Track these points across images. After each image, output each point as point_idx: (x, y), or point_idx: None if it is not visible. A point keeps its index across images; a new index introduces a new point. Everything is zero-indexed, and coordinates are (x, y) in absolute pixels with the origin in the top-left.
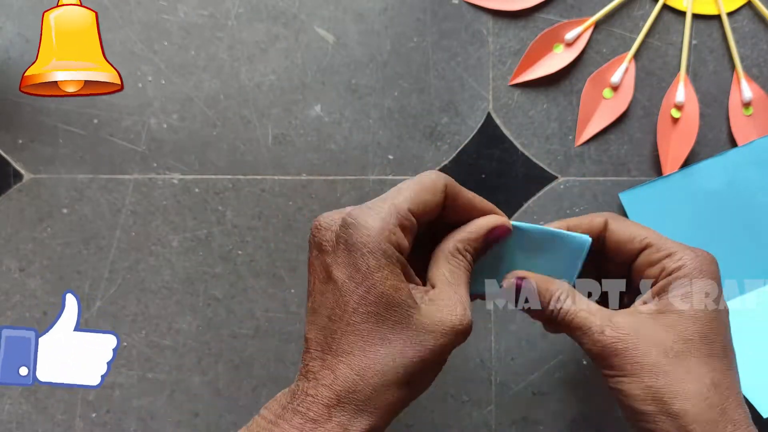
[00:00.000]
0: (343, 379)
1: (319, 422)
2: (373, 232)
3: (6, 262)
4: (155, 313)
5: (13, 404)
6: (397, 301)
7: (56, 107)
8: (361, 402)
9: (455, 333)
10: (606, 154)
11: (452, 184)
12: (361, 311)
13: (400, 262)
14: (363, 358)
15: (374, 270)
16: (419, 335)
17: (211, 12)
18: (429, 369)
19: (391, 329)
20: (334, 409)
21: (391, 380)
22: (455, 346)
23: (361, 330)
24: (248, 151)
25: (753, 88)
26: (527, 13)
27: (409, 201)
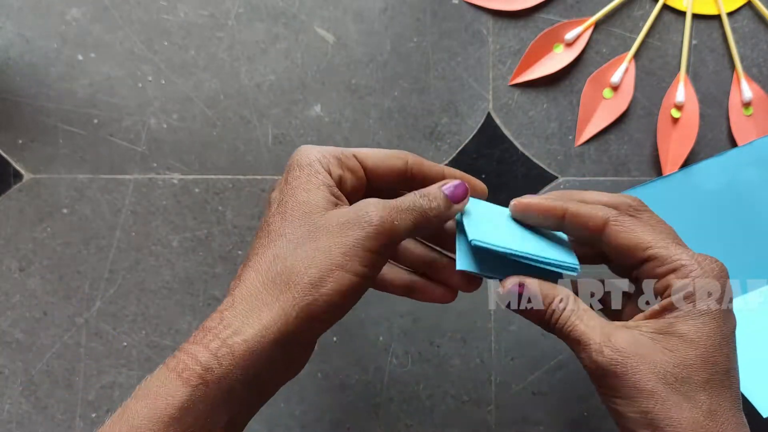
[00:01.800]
0: (244, 279)
1: (209, 328)
2: (309, 157)
3: (6, 262)
4: (155, 313)
5: (13, 404)
6: (306, 200)
7: (56, 107)
8: (254, 298)
9: (356, 217)
10: (606, 154)
11: (416, 158)
12: (275, 214)
13: (324, 180)
14: (262, 255)
15: (296, 180)
16: (317, 223)
17: (211, 12)
18: (329, 256)
19: (291, 223)
20: (227, 312)
21: (283, 268)
22: (368, 242)
23: (270, 232)
24: (248, 151)
25: (753, 88)
26: (527, 13)
27: (358, 150)
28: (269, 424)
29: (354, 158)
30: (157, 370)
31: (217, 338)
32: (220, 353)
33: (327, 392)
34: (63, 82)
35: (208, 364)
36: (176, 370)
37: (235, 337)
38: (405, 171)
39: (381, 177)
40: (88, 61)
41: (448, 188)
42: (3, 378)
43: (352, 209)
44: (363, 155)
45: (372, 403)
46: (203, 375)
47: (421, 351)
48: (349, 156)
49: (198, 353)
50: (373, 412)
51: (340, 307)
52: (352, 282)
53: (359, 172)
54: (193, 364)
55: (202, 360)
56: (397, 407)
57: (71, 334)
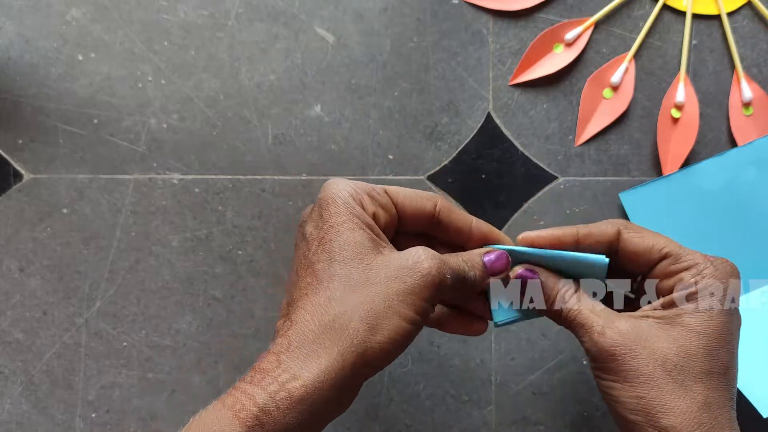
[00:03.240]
0: (297, 321)
1: (267, 371)
2: (343, 192)
3: (6, 262)
4: (155, 313)
5: (13, 404)
6: (352, 240)
7: (56, 107)
8: (312, 343)
9: (410, 265)
10: (606, 154)
11: (445, 203)
12: (318, 253)
13: (363, 219)
14: (314, 296)
15: (335, 215)
16: (371, 268)
17: (211, 12)
18: (385, 305)
19: (341, 264)
20: (284, 355)
21: (340, 313)
22: (415, 287)
23: (316, 270)
24: (248, 151)
25: (753, 88)
26: (527, 13)
27: (389, 188)
28: None
29: (386, 195)
30: (212, 405)
31: (275, 381)
32: (278, 397)
33: None
34: (63, 82)
35: (266, 407)
36: (233, 409)
37: (293, 382)
38: (433, 215)
39: (409, 217)
40: (88, 61)
41: (489, 259)
42: (3, 378)
43: (406, 256)
44: (394, 193)
45: (372, 403)
46: (260, 416)
47: (421, 351)
48: (381, 193)
49: (256, 395)
50: (373, 412)
51: (394, 353)
52: (407, 330)
53: (391, 209)
54: (250, 405)
55: (259, 402)
56: (397, 407)
57: (71, 334)
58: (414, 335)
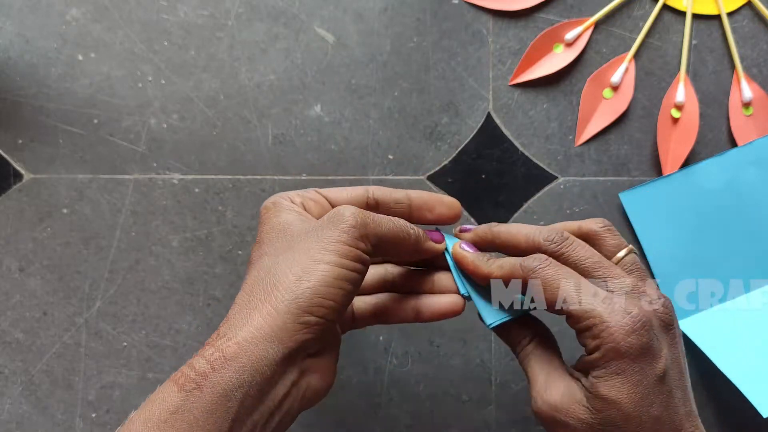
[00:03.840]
0: (235, 302)
1: (208, 343)
2: (273, 196)
3: (6, 262)
4: (155, 313)
5: (13, 404)
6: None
7: (56, 107)
8: (245, 307)
9: (332, 224)
10: (606, 154)
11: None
12: (254, 247)
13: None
14: (253, 272)
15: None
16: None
17: (211, 12)
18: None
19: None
20: (223, 326)
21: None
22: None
23: (251, 259)
24: (248, 151)
25: (753, 88)
26: (527, 13)
27: (323, 191)
28: None
29: (316, 193)
30: None
31: (212, 347)
32: (213, 358)
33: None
34: (63, 82)
35: (202, 369)
36: (174, 378)
37: (227, 342)
38: (367, 199)
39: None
40: (88, 61)
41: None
42: (3, 378)
43: (326, 215)
44: (324, 191)
45: (372, 403)
46: (197, 380)
47: (421, 351)
48: (309, 191)
49: (195, 362)
50: (373, 412)
51: (330, 298)
52: (335, 272)
53: (322, 201)
54: (188, 371)
55: (197, 366)
56: (397, 407)
57: (71, 334)
58: (349, 280)
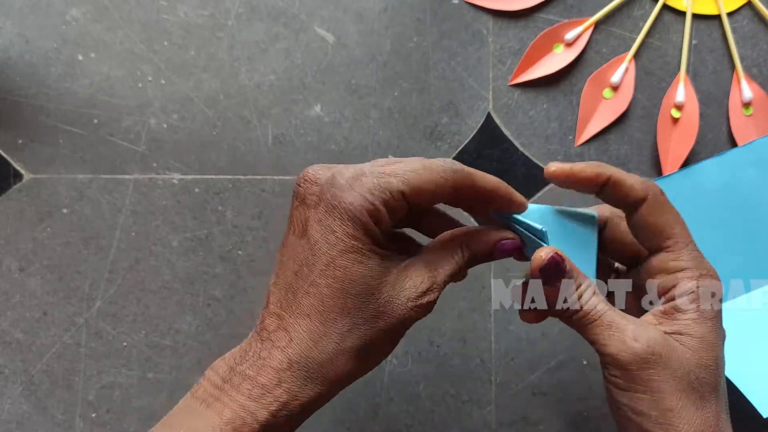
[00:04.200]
0: (297, 342)
1: (267, 387)
2: (357, 203)
3: (6, 262)
4: (155, 313)
5: (13, 404)
6: (364, 272)
7: (56, 107)
8: (313, 369)
9: (413, 308)
10: (606, 154)
11: (464, 177)
12: (326, 274)
13: (375, 237)
14: (320, 324)
15: (348, 237)
16: (378, 308)
17: (211, 12)
18: (384, 342)
19: (353, 298)
20: (285, 374)
21: (345, 351)
22: (414, 321)
23: (323, 294)
24: (248, 151)
25: (753, 88)
26: (527, 13)
27: (405, 184)
28: None
29: (399, 195)
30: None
31: (277, 401)
32: (280, 415)
33: None
34: (63, 82)
35: (268, 424)
36: (234, 424)
37: (294, 402)
38: (452, 194)
39: (423, 202)
40: (88, 61)
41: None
42: (3, 378)
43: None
44: (409, 191)
45: (372, 403)
46: (245, 418)
47: (421, 351)
48: (395, 194)
49: (258, 413)
50: (373, 412)
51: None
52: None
53: (401, 210)
54: (252, 422)
55: (261, 419)
56: (397, 407)
57: (71, 334)
58: None
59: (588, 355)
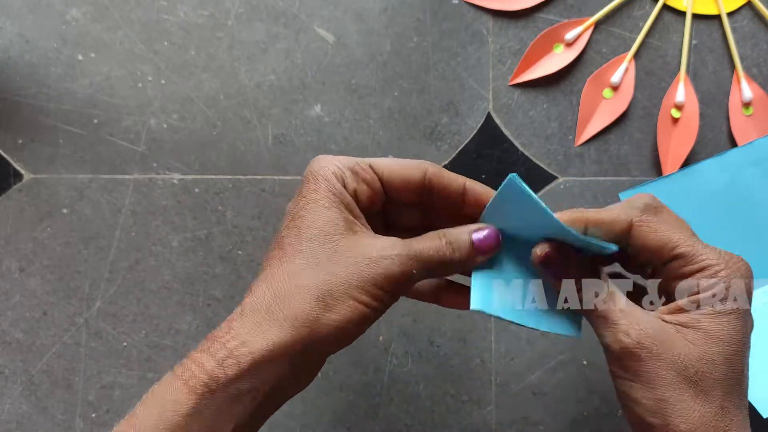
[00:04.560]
0: (254, 291)
1: (217, 336)
2: (324, 169)
3: (6, 262)
4: (155, 313)
5: (13, 404)
6: (325, 218)
7: (56, 107)
8: (265, 313)
9: (376, 257)
10: (606, 154)
11: (435, 168)
12: (289, 228)
13: (341, 197)
14: (276, 268)
15: (311, 192)
16: (336, 250)
17: (211, 12)
18: (344, 289)
19: (309, 242)
20: (235, 322)
21: (300, 287)
22: (377, 280)
23: (284, 245)
24: (248, 151)
25: (753, 88)
26: (527, 13)
27: (375, 160)
28: (269, 424)
29: (370, 170)
30: (164, 377)
31: (224, 347)
32: (227, 363)
33: (327, 392)
34: (63, 82)
35: (214, 373)
36: (183, 377)
37: (241, 348)
38: (423, 183)
39: (398, 189)
40: (88, 61)
41: (478, 238)
42: (3, 378)
43: (372, 245)
44: (378, 166)
45: (372, 403)
46: (209, 383)
47: (421, 351)
48: (365, 168)
49: (205, 361)
50: (373, 412)
51: (348, 334)
52: (363, 313)
53: (375, 183)
54: (199, 372)
55: (208, 368)
56: (397, 407)
57: (71, 334)
58: (370, 321)
59: (588, 355)
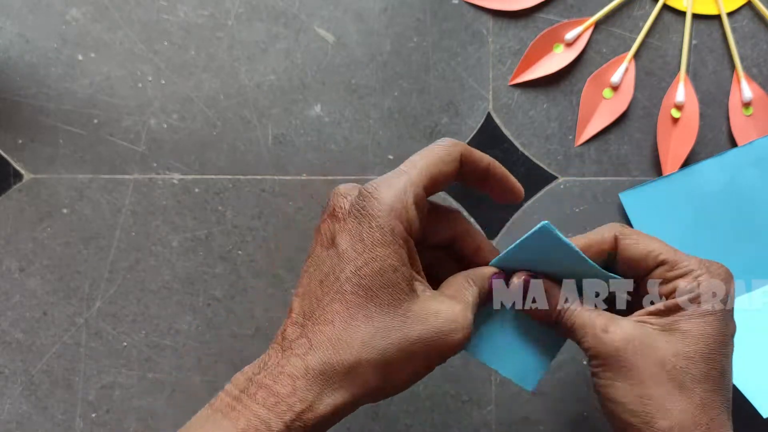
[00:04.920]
0: (317, 348)
1: (282, 396)
2: (386, 207)
3: (6, 262)
4: (155, 313)
5: (13, 404)
6: (393, 281)
7: (56, 107)
8: (332, 378)
9: (446, 332)
10: (606, 154)
11: (468, 153)
12: (353, 281)
13: (406, 243)
14: (343, 331)
15: (378, 244)
16: (406, 321)
17: (211, 12)
18: (409, 360)
19: (379, 307)
20: (300, 381)
21: (368, 360)
22: (442, 351)
23: (349, 300)
24: (248, 151)
25: (753, 88)
26: (527, 13)
27: (425, 177)
28: None
29: (424, 196)
30: (213, 417)
31: (291, 411)
32: (294, 426)
33: None
34: (63, 82)
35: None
36: (229, 417)
37: (309, 413)
38: (458, 169)
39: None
40: (88, 61)
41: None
42: (3, 378)
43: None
44: (430, 183)
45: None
46: (259, 428)
47: None
48: (421, 198)
49: (272, 422)
50: (373, 412)
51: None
52: (415, 382)
53: (426, 203)
54: (265, 430)
55: (275, 429)
56: (397, 407)
57: (71, 334)
58: None
59: None
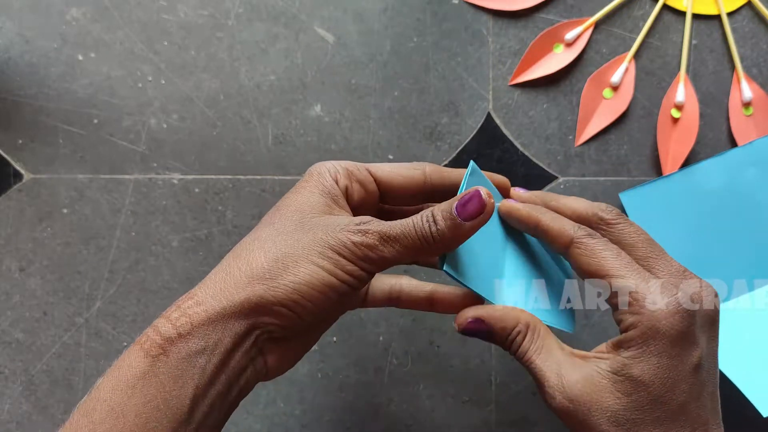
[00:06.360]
0: (221, 263)
1: (177, 303)
2: (320, 167)
3: (6, 262)
4: (155, 313)
5: (13, 404)
6: (302, 200)
7: (56, 107)
8: (223, 272)
9: (343, 232)
10: (606, 154)
11: (434, 166)
12: (271, 211)
13: (328, 189)
14: (245, 239)
15: (302, 183)
16: (303, 223)
17: (211, 12)
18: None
19: (283, 219)
20: (197, 288)
21: (260, 248)
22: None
23: (261, 222)
24: (248, 151)
25: (753, 88)
26: (527, 13)
27: (373, 164)
28: (268, 423)
29: (367, 172)
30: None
31: (179, 309)
32: (179, 323)
33: (327, 392)
34: (63, 82)
35: (168, 334)
36: (139, 342)
37: (195, 308)
38: (424, 182)
39: (397, 190)
40: (88, 61)
41: (459, 204)
42: (3, 378)
43: (346, 219)
44: (377, 169)
45: (372, 403)
46: (163, 345)
47: (421, 351)
48: (360, 168)
49: (160, 325)
50: (373, 412)
51: (308, 300)
52: (323, 279)
53: (370, 185)
54: (154, 335)
55: (162, 330)
56: (397, 407)
57: (71, 334)
58: (337, 291)
59: None
